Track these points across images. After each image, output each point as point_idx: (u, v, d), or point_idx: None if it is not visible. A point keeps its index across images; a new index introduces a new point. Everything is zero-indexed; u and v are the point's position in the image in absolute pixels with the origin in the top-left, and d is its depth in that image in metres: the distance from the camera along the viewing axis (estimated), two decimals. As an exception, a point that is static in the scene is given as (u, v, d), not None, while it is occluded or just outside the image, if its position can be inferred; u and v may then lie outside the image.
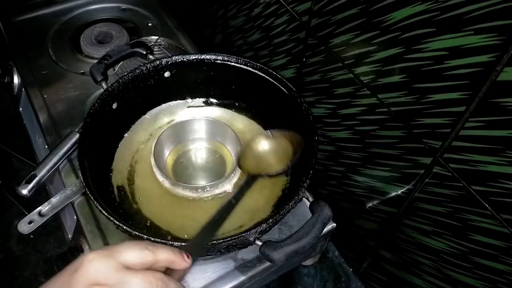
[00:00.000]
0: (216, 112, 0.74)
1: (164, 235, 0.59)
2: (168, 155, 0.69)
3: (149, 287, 0.35)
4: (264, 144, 0.57)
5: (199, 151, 0.71)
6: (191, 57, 0.68)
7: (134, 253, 0.36)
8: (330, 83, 0.62)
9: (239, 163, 0.57)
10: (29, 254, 1.02)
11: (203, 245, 0.44)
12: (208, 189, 0.63)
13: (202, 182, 0.67)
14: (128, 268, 0.35)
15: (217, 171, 0.68)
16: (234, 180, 0.65)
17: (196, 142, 0.71)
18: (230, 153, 0.69)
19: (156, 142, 0.66)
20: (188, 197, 0.63)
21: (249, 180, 0.52)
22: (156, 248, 0.37)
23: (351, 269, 0.76)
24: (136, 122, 0.71)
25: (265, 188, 0.65)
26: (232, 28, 0.86)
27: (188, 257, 0.39)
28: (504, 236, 0.43)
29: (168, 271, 0.39)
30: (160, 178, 0.64)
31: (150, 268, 0.37)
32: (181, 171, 0.68)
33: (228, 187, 0.65)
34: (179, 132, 0.69)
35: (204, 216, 0.61)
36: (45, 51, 0.93)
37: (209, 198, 0.64)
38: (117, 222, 0.49)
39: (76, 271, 0.34)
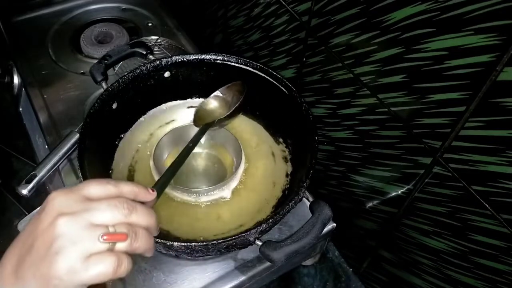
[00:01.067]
0: (216, 112, 0.74)
1: (164, 235, 0.59)
2: (167, 158, 0.69)
3: (115, 211, 0.35)
4: (213, 103, 0.66)
5: (198, 156, 0.71)
6: (191, 57, 0.68)
7: (97, 186, 0.36)
8: (330, 83, 0.62)
9: (194, 122, 0.65)
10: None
11: (165, 184, 0.47)
12: (205, 193, 0.63)
13: (201, 187, 0.67)
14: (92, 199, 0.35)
15: (216, 176, 0.68)
16: (233, 185, 0.65)
17: (196, 146, 0.71)
18: (230, 158, 0.69)
19: (156, 146, 0.66)
20: (186, 201, 0.63)
21: (204, 128, 0.61)
22: (118, 181, 0.37)
23: (351, 269, 0.76)
24: (136, 122, 0.71)
25: (265, 188, 0.65)
26: (232, 28, 0.86)
27: (152, 190, 0.40)
28: (504, 236, 0.43)
29: None
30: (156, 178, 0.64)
31: None
32: (180, 175, 0.68)
33: (226, 192, 0.64)
34: (179, 136, 0.69)
35: (203, 217, 0.62)
36: (45, 51, 0.93)
37: (207, 203, 0.63)
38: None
39: (42, 211, 0.35)
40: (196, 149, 0.71)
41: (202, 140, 0.71)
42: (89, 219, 0.34)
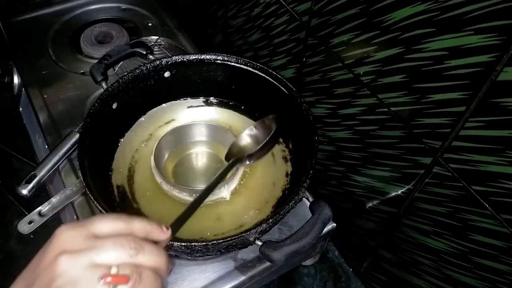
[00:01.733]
0: (216, 112, 0.74)
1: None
2: (168, 158, 0.69)
3: (120, 250, 0.33)
4: (246, 138, 0.61)
5: (199, 155, 0.71)
6: (191, 57, 0.68)
7: (107, 222, 0.34)
8: (330, 83, 0.62)
9: (226, 158, 0.61)
10: (29, 254, 1.01)
11: (183, 222, 0.43)
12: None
13: (201, 186, 0.67)
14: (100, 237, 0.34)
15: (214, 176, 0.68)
16: (233, 186, 0.65)
17: (196, 146, 0.71)
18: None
19: (156, 145, 0.66)
20: (186, 200, 0.63)
21: (231, 164, 0.55)
22: (131, 218, 0.35)
23: (351, 269, 0.76)
24: (136, 122, 0.71)
25: (265, 188, 0.65)
26: (232, 28, 0.86)
27: (167, 228, 0.37)
28: (504, 236, 0.43)
29: None
30: (159, 180, 0.64)
31: None
32: (180, 175, 0.68)
33: (225, 193, 0.64)
34: (180, 135, 0.69)
35: (203, 217, 0.62)
36: (45, 51, 0.93)
37: (207, 203, 0.63)
38: (117, 222, 0.49)
39: (48, 245, 0.33)
40: (197, 148, 0.71)
41: (204, 138, 0.71)
42: (92, 258, 0.32)
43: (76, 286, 0.31)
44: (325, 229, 0.60)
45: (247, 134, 0.61)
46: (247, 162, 0.59)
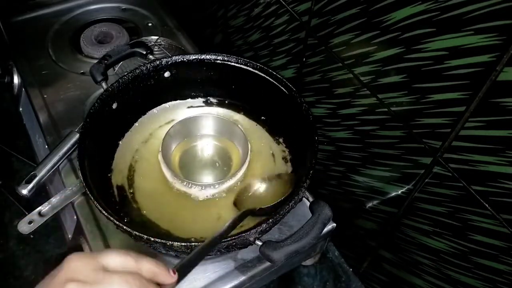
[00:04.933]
0: (216, 111, 0.74)
1: (164, 235, 0.59)
2: (174, 150, 0.69)
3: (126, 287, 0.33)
4: (258, 187, 0.61)
5: (205, 148, 0.71)
6: (191, 57, 0.68)
7: (116, 257, 0.35)
8: (330, 83, 0.62)
9: (235, 203, 0.61)
10: (29, 254, 1.01)
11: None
12: (210, 187, 0.63)
13: (206, 180, 0.67)
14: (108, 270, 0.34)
15: (222, 170, 0.68)
16: (233, 183, 0.65)
17: (203, 139, 0.72)
18: (237, 152, 0.69)
19: (164, 138, 0.66)
20: (190, 194, 0.63)
21: (242, 215, 0.53)
22: (140, 256, 0.36)
23: (351, 269, 0.76)
24: (136, 122, 0.71)
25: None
26: (232, 28, 0.86)
27: (174, 272, 0.37)
28: (504, 236, 0.43)
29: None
30: (166, 172, 0.64)
31: None
32: (186, 168, 0.68)
33: (227, 187, 0.64)
34: (187, 128, 0.70)
35: (203, 216, 0.62)
36: (45, 51, 0.93)
37: (210, 197, 0.64)
38: (117, 222, 0.49)
39: (58, 270, 0.34)
40: (204, 141, 0.71)
41: (211, 131, 0.71)
42: None
43: None
44: (325, 229, 0.60)
45: (259, 183, 0.61)
46: (256, 215, 0.56)
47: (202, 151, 0.71)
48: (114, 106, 0.64)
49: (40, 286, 0.35)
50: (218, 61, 0.68)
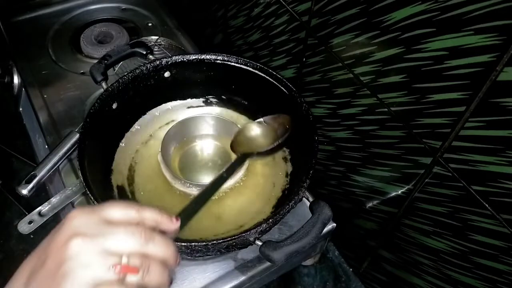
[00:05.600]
0: (216, 112, 0.74)
1: (164, 235, 0.59)
2: (174, 151, 0.69)
3: (131, 239, 0.33)
4: (255, 129, 0.60)
5: (205, 148, 0.71)
6: (191, 57, 0.68)
7: (118, 210, 0.35)
8: (330, 83, 0.62)
9: (232, 146, 0.59)
10: (29, 254, 1.02)
11: (193, 213, 0.43)
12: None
13: (206, 180, 0.67)
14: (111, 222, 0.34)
15: (221, 170, 0.68)
16: (235, 179, 0.65)
17: (203, 139, 0.72)
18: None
19: (164, 138, 0.66)
20: (190, 195, 0.63)
21: (241, 159, 0.53)
22: (142, 207, 0.36)
23: (351, 269, 0.76)
24: (136, 122, 0.71)
25: (265, 188, 0.65)
26: (232, 28, 0.86)
27: (176, 219, 0.38)
28: (504, 236, 0.43)
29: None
30: (166, 173, 0.64)
31: None
32: (186, 168, 0.68)
33: (227, 185, 0.64)
34: (187, 128, 0.70)
35: (203, 216, 0.62)
36: (45, 51, 0.93)
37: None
38: (117, 222, 0.49)
39: (60, 227, 0.34)
40: (204, 141, 0.71)
41: (211, 131, 0.71)
42: (104, 244, 0.32)
43: (87, 271, 0.32)
44: (325, 229, 0.60)
45: (256, 124, 0.60)
46: (254, 158, 0.57)
47: (202, 151, 0.71)
48: (114, 106, 0.64)
49: (43, 245, 0.35)
50: (218, 61, 0.68)
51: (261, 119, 0.60)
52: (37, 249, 0.35)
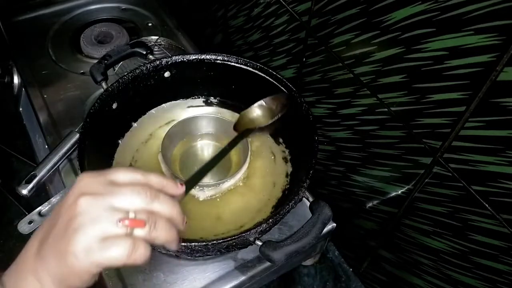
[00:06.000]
0: (216, 112, 0.74)
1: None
2: (174, 151, 0.69)
3: (137, 197, 0.35)
4: (256, 111, 0.62)
5: (205, 148, 0.71)
6: (191, 57, 0.68)
7: (125, 173, 0.36)
8: (330, 83, 0.62)
9: (235, 128, 0.62)
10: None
11: (196, 181, 0.46)
12: (210, 187, 0.63)
13: (206, 180, 0.67)
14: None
15: (222, 170, 0.68)
16: (233, 182, 0.65)
17: (203, 139, 0.72)
18: (237, 152, 0.69)
19: (164, 138, 0.66)
20: (189, 195, 0.63)
21: (243, 133, 0.57)
22: (147, 172, 0.37)
23: (351, 269, 0.76)
24: (136, 122, 0.71)
25: (265, 188, 0.65)
26: (232, 28, 0.86)
27: (181, 184, 0.39)
28: (504, 236, 0.43)
29: None
30: (166, 172, 0.64)
31: None
32: (186, 168, 0.68)
33: (226, 186, 0.64)
34: (187, 128, 0.70)
35: (203, 216, 0.62)
36: (45, 51, 0.93)
37: (210, 197, 0.64)
38: (117, 222, 0.49)
39: (71, 189, 0.35)
40: (204, 141, 0.71)
41: (211, 131, 0.72)
42: (111, 202, 0.34)
43: (96, 225, 0.33)
44: (325, 229, 0.60)
45: (257, 106, 0.62)
46: (256, 134, 0.61)
47: (202, 151, 0.71)
48: (114, 106, 0.64)
49: (54, 212, 0.36)
50: (218, 61, 0.68)
51: (262, 101, 0.62)
52: (52, 214, 0.37)
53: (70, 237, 0.33)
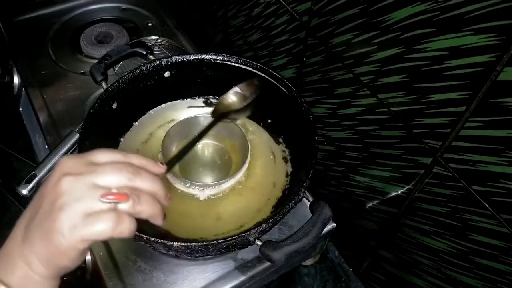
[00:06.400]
0: (216, 112, 0.74)
1: (164, 235, 0.59)
2: (174, 150, 0.69)
3: (119, 173, 0.35)
4: (231, 97, 0.62)
5: (205, 148, 0.71)
6: (191, 57, 0.68)
7: (105, 153, 0.37)
8: (330, 83, 0.62)
9: (213, 115, 0.62)
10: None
11: (176, 161, 0.46)
12: (210, 187, 0.63)
13: (206, 180, 0.67)
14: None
15: (222, 170, 0.68)
16: (233, 182, 0.65)
17: (203, 139, 0.71)
18: (237, 151, 0.69)
19: (164, 138, 0.66)
20: (190, 195, 0.63)
21: (218, 118, 0.58)
22: (128, 153, 0.38)
23: (351, 269, 0.76)
24: (136, 122, 0.71)
25: (265, 188, 0.65)
26: (232, 28, 0.86)
27: (162, 163, 0.40)
28: (504, 236, 0.43)
29: None
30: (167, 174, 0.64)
31: None
32: (186, 168, 0.68)
33: (227, 186, 0.64)
34: (187, 128, 0.70)
35: (203, 216, 0.62)
36: (45, 51, 0.93)
37: (210, 197, 0.64)
38: (117, 222, 0.49)
39: (53, 172, 0.36)
40: (204, 141, 0.71)
41: (211, 131, 0.71)
42: (93, 180, 0.34)
43: (79, 203, 0.34)
44: (325, 229, 0.60)
45: (232, 93, 0.62)
46: (232, 119, 0.62)
47: (202, 151, 0.71)
48: (114, 106, 0.64)
49: (37, 195, 0.36)
50: (218, 61, 0.68)
51: (236, 87, 0.63)
52: (34, 197, 0.37)
53: (55, 216, 0.33)
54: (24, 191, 0.66)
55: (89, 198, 0.34)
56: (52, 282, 0.37)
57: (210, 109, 0.74)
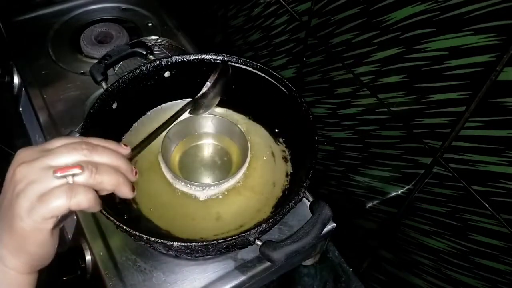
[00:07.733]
0: (216, 111, 0.74)
1: (164, 235, 0.59)
2: (174, 151, 0.69)
3: (73, 152, 0.35)
4: (203, 89, 0.67)
5: (205, 148, 0.71)
6: (191, 57, 0.68)
7: (61, 139, 0.37)
8: (330, 83, 0.62)
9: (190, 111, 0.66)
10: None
11: (144, 146, 0.48)
12: (210, 187, 0.63)
13: (206, 180, 0.67)
14: None
15: (222, 170, 0.68)
16: (233, 182, 0.65)
17: (203, 139, 0.72)
18: (237, 152, 0.69)
19: (164, 138, 0.66)
20: (190, 195, 0.63)
21: (185, 105, 0.62)
22: (88, 137, 0.38)
23: (351, 269, 0.76)
24: (136, 122, 0.71)
25: (265, 188, 0.65)
26: (232, 28, 0.86)
27: (125, 145, 0.40)
28: (504, 236, 0.43)
29: None
30: (166, 173, 0.64)
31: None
32: (186, 168, 0.68)
33: (226, 187, 0.64)
34: (187, 128, 0.70)
35: (203, 216, 0.62)
36: (45, 51, 0.93)
37: (211, 197, 0.64)
38: (117, 222, 0.49)
39: (10, 166, 0.36)
40: (204, 141, 0.71)
41: (211, 131, 0.72)
42: (47, 162, 0.35)
43: (35, 185, 0.34)
44: (325, 229, 0.60)
45: (205, 87, 0.67)
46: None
47: (202, 151, 0.71)
48: (114, 106, 0.64)
49: (4, 189, 0.37)
50: (218, 61, 0.68)
51: (207, 83, 0.66)
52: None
53: (14, 203, 0.34)
54: (24, 191, 0.66)
55: (44, 179, 0.34)
56: (28, 277, 0.37)
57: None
